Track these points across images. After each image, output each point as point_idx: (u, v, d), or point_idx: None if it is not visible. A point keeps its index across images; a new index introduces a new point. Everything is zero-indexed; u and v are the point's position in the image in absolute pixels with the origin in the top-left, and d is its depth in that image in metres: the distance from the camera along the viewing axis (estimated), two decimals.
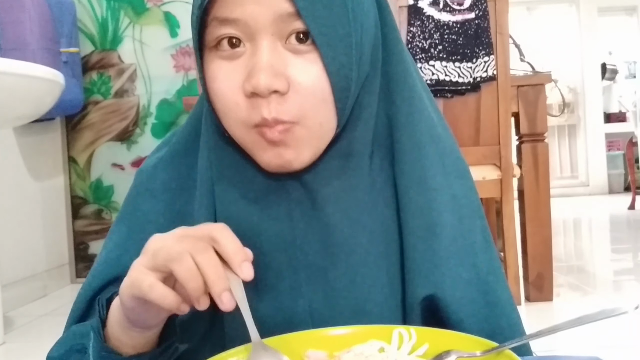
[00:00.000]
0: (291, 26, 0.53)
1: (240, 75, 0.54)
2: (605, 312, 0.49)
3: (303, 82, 0.53)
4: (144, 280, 0.49)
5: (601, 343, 1.76)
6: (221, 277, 0.49)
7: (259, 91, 0.52)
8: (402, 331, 0.56)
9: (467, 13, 2.01)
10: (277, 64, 0.53)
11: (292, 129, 0.54)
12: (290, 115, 0.54)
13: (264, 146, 0.55)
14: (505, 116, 2.09)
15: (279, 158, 0.56)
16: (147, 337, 0.56)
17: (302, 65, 0.54)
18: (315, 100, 0.54)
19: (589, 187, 6.62)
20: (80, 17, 2.90)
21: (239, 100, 0.54)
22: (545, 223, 2.23)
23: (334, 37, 0.53)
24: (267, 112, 0.53)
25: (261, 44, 0.53)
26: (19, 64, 1.79)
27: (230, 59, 0.54)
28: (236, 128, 0.56)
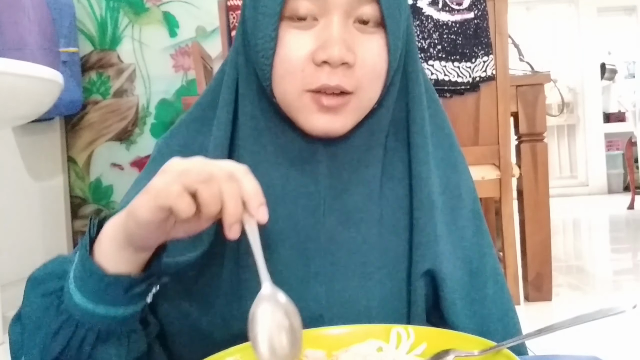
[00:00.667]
0: (362, 8, 0.60)
1: (311, 45, 0.59)
2: (603, 312, 0.49)
3: (367, 59, 0.60)
4: (172, 191, 0.50)
5: (600, 343, 1.76)
6: (239, 208, 0.51)
7: (333, 61, 0.58)
8: (400, 330, 0.56)
9: (466, 13, 2.01)
10: (348, 39, 0.59)
11: (348, 100, 0.61)
12: (351, 86, 0.60)
13: (314, 111, 0.61)
14: (504, 116, 2.09)
15: (328, 123, 0.62)
16: (137, 259, 0.56)
17: (368, 43, 0.61)
18: (373, 76, 0.61)
19: (588, 187, 6.63)
20: (80, 17, 2.90)
21: (305, 67, 0.60)
22: (545, 223, 2.23)
23: (397, 22, 0.61)
24: (331, 80, 0.59)
25: (333, 19, 0.59)
26: (18, 63, 1.78)
27: (302, 29, 0.60)
28: (292, 91, 0.61)
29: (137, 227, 0.52)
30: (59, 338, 0.55)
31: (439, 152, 0.70)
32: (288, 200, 0.65)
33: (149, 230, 0.52)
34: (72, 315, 0.55)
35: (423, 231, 0.65)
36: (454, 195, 0.69)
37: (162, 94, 2.95)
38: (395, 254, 0.66)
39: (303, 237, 0.65)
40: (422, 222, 0.65)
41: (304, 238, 0.65)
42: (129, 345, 0.57)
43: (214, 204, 0.50)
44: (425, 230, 0.65)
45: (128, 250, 0.55)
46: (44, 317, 0.56)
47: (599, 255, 3.48)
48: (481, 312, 0.66)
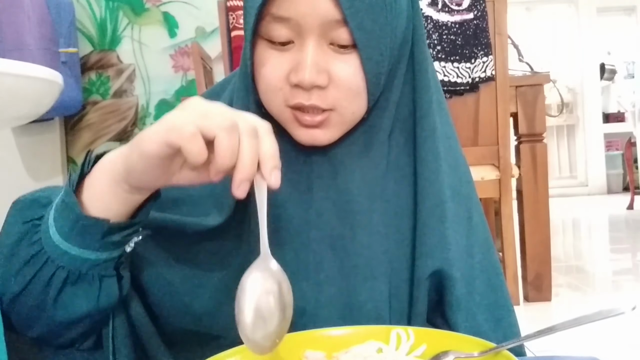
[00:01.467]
0: (336, 31, 0.59)
1: (287, 66, 0.61)
2: (602, 313, 0.50)
3: (342, 78, 0.61)
4: (187, 130, 0.48)
5: (599, 343, 1.76)
6: (253, 166, 0.49)
7: (303, 85, 0.59)
8: (400, 332, 0.56)
9: (466, 13, 2.01)
10: (320, 61, 0.60)
11: (327, 116, 0.62)
12: (327, 104, 0.61)
13: (297, 126, 0.63)
14: (504, 116, 2.09)
15: (313, 137, 0.63)
16: (127, 200, 0.54)
17: (342, 64, 0.61)
18: (350, 93, 0.62)
19: (588, 187, 6.63)
20: (79, 17, 2.90)
21: (282, 87, 0.61)
22: (544, 223, 2.23)
23: (372, 41, 0.60)
24: (307, 99, 0.60)
25: (308, 42, 0.60)
26: (18, 64, 1.78)
27: (279, 50, 0.61)
28: (275, 106, 0.63)
29: (140, 159, 0.50)
30: (27, 270, 0.54)
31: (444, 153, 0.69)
32: (284, 202, 0.65)
33: (151, 166, 0.50)
34: (44, 249, 0.54)
35: (431, 230, 0.65)
36: (459, 195, 0.69)
37: (162, 94, 2.95)
38: (399, 253, 0.66)
39: (300, 238, 0.65)
40: (430, 221, 0.65)
41: (300, 239, 0.65)
42: (99, 292, 0.55)
43: (230, 156, 0.48)
44: (434, 229, 0.65)
45: (122, 187, 0.53)
46: (18, 245, 0.55)
47: (599, 256, 3.48)
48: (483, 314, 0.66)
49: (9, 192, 2.69)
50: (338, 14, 0.58)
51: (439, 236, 0.65)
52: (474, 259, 0.67)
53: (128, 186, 0.53)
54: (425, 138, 0.67)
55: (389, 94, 0.66)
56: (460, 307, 0.64)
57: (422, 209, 0.66)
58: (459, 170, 0.71)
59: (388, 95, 0.66)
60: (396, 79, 0.66)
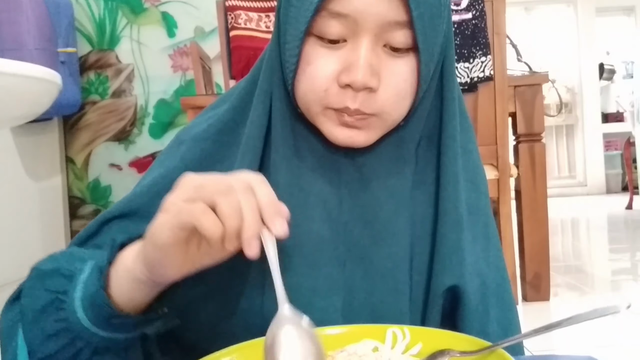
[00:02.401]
0: (393, 33, 0.57)
1: (337, 66, 0.58)
2: (598, 311, 0.50)
3: (392, 83, 0.59)
4: (195, 208, 0.48)
5: (596, 342, 1.76)
6: (257, 222, 0.49)
7: (355, 86, 0.57)
8: (395, 330, 0.56)
9: (464, 13, 2.01)
10: (374, 63, 0.58)
11: (368, 118, 0.60)
12: (372, 110, 0.59)
13: (336, 125, 0.61)
14: (503, 116, 2.09)
15: (351, 137, 0.61)
16: (147, 294, 0.54)
17: (395, 67, 0.59)
18: (398, 98, 0.60)
19: (587, 187, 6.63)
20: (78, 17, 2.90)
21: (329, 87, 0.59)
22: (543, 223, 2.23)
23: (432, 44, 0.59)
24: (352, 103, 0.58)
25: (362, 42, 0.57)
26: (16, 64, 1.78)
27: (329, 48, 0.59)
28: (314, 106, 0.61)
29: (157, 252, 0.50)
30: (54, 341, 0.54)
31: (465, 168, 0.68)
32: (310, 205, 0.64)
33: (170, 256, 0.50)
34: (71, 326, 0.54)
35: (449, 246, 0.64)
36: (477, 210, 0.68)
37: (161, 94, 2.95)
38: (419, 267, 0.65)
39: (317, 250, 0.63)
40: (449, 237, 0.64)
41: (318, 251, 0.63)
42: (126, 356, 0.56)
43: (235, 217, 0.48)
44: (452, 245, 0.64)
45: (148, 285, 0.53)
46: (42, 314, 0.55)
47: (597, 255, 3.48)
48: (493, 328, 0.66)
49: (7, 192, 2.70)
50: (402, 16, 0.56)
51: (456, 251, 0.63)
52: (489, 276, 0.67)
53: (154, 283, 0.53)
54: (448, 152, 0.65)
55: (422, 104, 0.65)
56: (474, 322, 0.63)
57: (442, 224, 0.64)
58: (478, 184, 0.69)
59: (421, 105, 0.65)
60: (430, 88, 0.65)
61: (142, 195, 0.65)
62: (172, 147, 0.70)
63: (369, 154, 0.64)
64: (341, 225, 0.64)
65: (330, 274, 0.63)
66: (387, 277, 0.63)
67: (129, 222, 0.64)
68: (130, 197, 0.66)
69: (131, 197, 0.66)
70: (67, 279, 0.55)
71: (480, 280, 0.65)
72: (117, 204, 0.66)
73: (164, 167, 0.67)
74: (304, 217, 0.63)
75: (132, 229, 0.62)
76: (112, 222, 0.65)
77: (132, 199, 0.66)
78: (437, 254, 0.64)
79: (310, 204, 0.63)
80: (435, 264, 0.64)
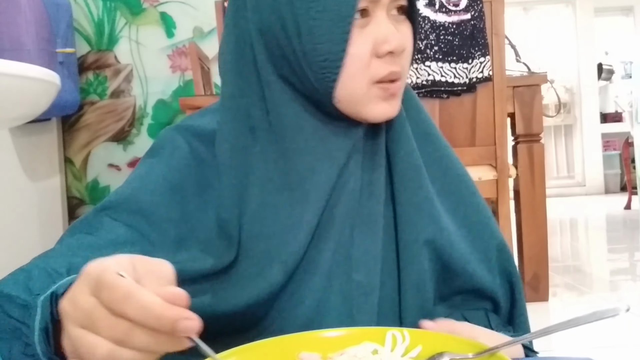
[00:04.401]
0: (398, 2, 0.65)
1: (370, 40, 0.63)
2: (597, 314, 0.50)
3: (408, 45, 0.67)
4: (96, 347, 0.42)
5: (594, 344, 1.76)
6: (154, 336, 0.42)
7: (397, 50, 0.63)
8: (395, 333, 0.56)
9: (463, 14, 2.01)
10: (396, 28, 0.65)
11: (400, 83, 0.66)
12: (405, 69, 0.67)
13: (381, 100, 0.65)
14: (501, 117, 2.09)
15: (391, 109, 0.66)
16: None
17: (405, 31, 0.66)
18: (409, 59, 0.68)
19: (585, 187, 6.64)
20: (77, 17, 2.89)
21: (370, 63, 0.64)
22: (541, 223, 2.23)
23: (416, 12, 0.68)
24: (396, 66, 0.64)
25: (381, 15, 0.64)
26: (15, 64, 1.78)
27: (361, 27, 0.63)
28: (361, 87, 0.64)
29: None
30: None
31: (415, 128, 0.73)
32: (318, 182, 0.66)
33: None
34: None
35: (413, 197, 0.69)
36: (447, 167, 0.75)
37: (159, 94, 2.95)
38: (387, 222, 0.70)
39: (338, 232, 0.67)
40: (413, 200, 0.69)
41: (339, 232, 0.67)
42: None
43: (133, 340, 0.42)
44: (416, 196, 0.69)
45: None
46: (10, 339, 0.51)
47: (596, 256, 3.48)
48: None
49: (6, 193, 2.70)
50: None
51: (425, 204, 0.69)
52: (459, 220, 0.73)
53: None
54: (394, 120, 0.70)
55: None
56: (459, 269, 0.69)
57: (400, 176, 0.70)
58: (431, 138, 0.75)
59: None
60: None
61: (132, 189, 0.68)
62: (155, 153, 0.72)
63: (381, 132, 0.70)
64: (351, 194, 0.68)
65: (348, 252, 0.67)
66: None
67: (120, 213, 0.65)
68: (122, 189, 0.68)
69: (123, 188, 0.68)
70: (23, 309, 0.51)
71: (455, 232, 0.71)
72: (111, 194, 0.68)
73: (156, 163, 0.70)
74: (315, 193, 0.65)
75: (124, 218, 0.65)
76: (104, 211, 0.66)
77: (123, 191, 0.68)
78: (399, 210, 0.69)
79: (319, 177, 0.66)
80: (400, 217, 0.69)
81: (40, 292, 0.50)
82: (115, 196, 0.67)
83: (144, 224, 0.65)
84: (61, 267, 0.55)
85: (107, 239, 0.62)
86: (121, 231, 0.64)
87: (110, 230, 0.63)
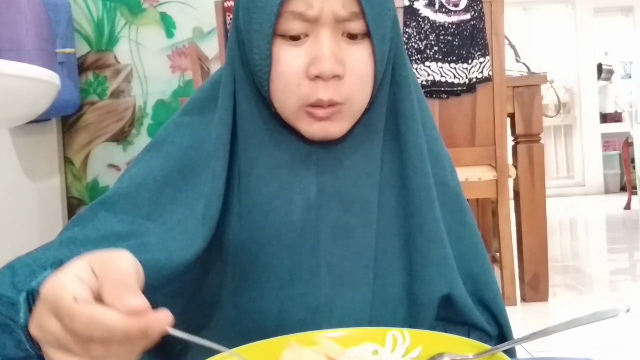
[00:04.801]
0: (350, 23, 0.62)
1: (304, 59, 0.62)
2: (596, 315, 0.50)
3: (356, 68, 0.63)
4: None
5: (594, 344, 1.76)
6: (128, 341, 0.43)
7: (324, 76, 0.61)
8: (395, 333, 0.56)
9: (463, 14, 2.01)
10: (337, 52, 0.62)
11: (340, 108, 0.63)
12: (342, 97, 0.63)
13: (311, 121, 0.64)
14: (501, 117, 2.09)
15: (326, 130, 0.64)
16: None
17: (355, 54, 0.63)
18: (362, 84, 0.64)
19: (585, 187, 6.64)
20: (76, 17, 2.89)
21: (300, 82, 0.62)
22: (541, 223, 2.23)
23: (382, 31, 0.64)
24: (324, 93, 0.62)
25: (323, 34, 0.61)
26: (14, 65, 1.78)
27: (294, 45, 0.62)
28: (290, 105, 0.64)
29: None
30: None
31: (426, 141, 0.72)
32: (290, 196, 0.66)
33: None
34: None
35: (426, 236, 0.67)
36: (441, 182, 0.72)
37: (159, 94, 2.94)
38: (392, 255, 0.68)
39: (298, 236, 0.66)
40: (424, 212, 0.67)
41: (298, 237, 0.66)
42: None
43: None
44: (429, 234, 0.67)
45: None
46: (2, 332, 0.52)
47: (596, 256, 3.48)
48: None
49: (5, 193, 2.69)
50: (354, 6, 0.61)
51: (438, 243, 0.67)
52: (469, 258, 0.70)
53: None
54: (408, 133, 0.69)
55: (382, 87, 0.69)
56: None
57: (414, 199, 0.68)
58: (441, 159, 0.73)
59: (381, 89, 0.69)
60: (387, 72, 0.69)
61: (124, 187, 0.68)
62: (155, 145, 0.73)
63: (344, 142, 0.68)
64: (322, 209, 0.67)
65: (311, 260, 0.66)
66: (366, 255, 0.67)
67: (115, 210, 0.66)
68: (118, 187, 0.69)
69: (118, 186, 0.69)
70: (10, 306, 0.51)
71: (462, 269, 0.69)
72: (109, 189, 0.69)
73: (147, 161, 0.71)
74: (285, 209, 0.66)
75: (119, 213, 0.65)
76: (101, 206, 0.67)
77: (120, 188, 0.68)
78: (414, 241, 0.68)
79: (290, 195, 0.66)
80: (424, 273, 0.67)
81: (23, 288, 0.51)
82: (113, 190, 0.69)
83: (140, 218, 0.66)
84: (46, 262, 0.56)
85: (100, 233, 0.63)
86: (116, 226, 0.64)
87: (104, 224, 0.64)
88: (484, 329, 0.69)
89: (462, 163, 2.08)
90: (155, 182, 0.68)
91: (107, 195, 0.68)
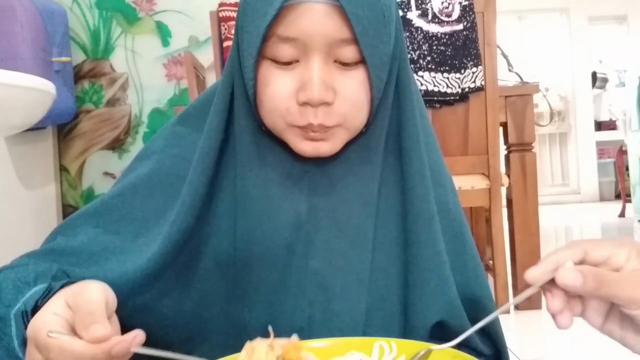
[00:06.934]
0: (342, 49, 0.60)
1: (293, 84, 0.61)
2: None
3: (348, 95, 0.62)
4: None
5: (587, 353, 1.77)
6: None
7: (312, 103, 0.60)
8: (382, 344, 0.57)
9: (456, 24, 2.03)
10: (327, 79, 0.60)
11: (332, 129, 0.63)
12: (333, 122, 0.62)
13: (302, 140, 0.63)
14: (494, 126, 2.11)
15: (317, 148, 0.64)
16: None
17: (348, 80, 0.62)
18: (355, 109, 0.63)
19: (580, 195, 6.65)
20: (72, 26, 2.90)
21: (290, 106, 0.62)
22: (534, 231, 2.24)
23: (379, 56, 0.62)
24: (314, 118, 0.61)
25: (314, 60, 0.60)
26: (10, 74, 1.78)
27: (284, 69, 0.62)
28: (279, 124, 0.63)
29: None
30: None
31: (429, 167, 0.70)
32: (281, 214, 0.66)
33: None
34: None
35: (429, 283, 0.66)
36: (443, 207, 0.71)
37: (155, 103, 2.95)
38: (389, 272, 0.67)
39: (287, 254, 0.66)
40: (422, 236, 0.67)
41: (287, 255, 0.66)
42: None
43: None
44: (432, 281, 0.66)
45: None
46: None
47: None
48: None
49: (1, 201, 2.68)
50: (346, 33, 0.59)
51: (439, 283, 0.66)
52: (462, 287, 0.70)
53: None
54: (412, 155, 0.68)
55: (382, 109, 0.67)
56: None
57: (413, 223, 0.67)
58: (442, 182, 0.72)
59: (381, 111, 0.67)
60: (388, 94, 0.67)
61: (112, 197, 0.70)
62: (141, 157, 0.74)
63: (336, 161, 0.67)
64: (312, 228, 0.66)
65: (299, 279, 0.65)
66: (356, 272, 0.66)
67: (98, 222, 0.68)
68: (102, 199, 0.70)
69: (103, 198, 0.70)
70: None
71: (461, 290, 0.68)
72: (97, 199, 0.71)
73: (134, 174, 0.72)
74: (274, 227, 0.65)
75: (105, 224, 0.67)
76: (87, 217, 0.69)
77: (104, 200, 0.70)
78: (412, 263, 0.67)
79: (280, 214, 0.66)
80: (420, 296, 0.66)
81: (10, 304, 0.56)
82: (100, 200, 0.70)
83: (123, 229, 0.67)
84: (28, 277, 0.59)
85: (80, 246, 0.66)
86: (99, 237, 0.66)
87: (86, 235, 0.67)
88: (477, 350, 0.69)
89: (455, 172, 2.09)
90: (142, 193, 0.68)
91: (94, 204, 0.69)
